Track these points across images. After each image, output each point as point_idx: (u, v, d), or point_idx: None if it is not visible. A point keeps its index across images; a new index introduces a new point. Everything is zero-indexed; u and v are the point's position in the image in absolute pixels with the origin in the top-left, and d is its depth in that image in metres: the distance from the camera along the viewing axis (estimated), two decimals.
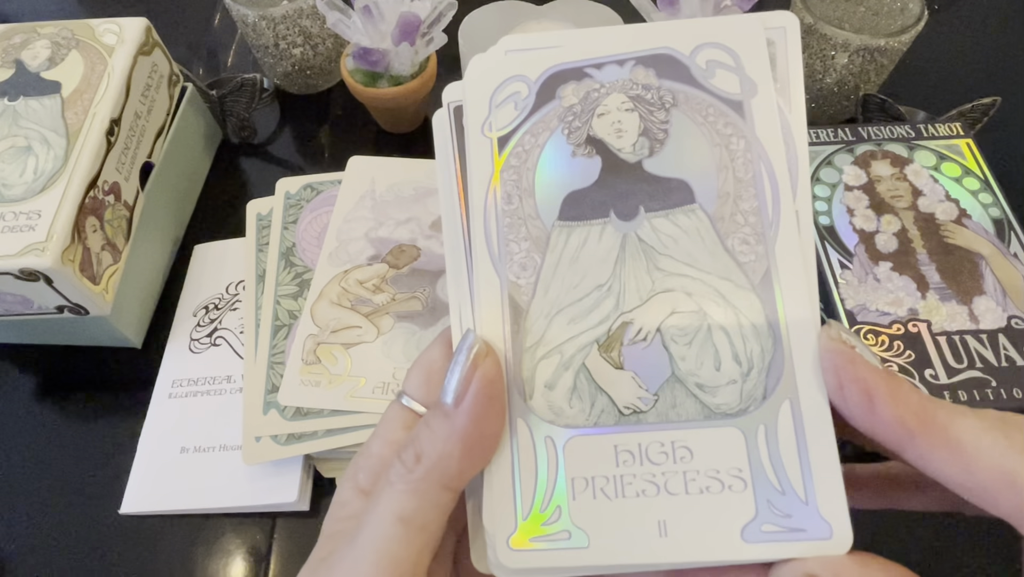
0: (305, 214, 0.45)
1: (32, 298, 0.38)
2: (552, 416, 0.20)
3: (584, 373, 0.21)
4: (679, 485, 0.19)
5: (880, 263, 0.35)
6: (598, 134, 0.22)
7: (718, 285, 0.21)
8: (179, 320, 0.45)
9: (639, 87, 0.22)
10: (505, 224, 0.22)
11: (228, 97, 0.54)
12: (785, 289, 0.20)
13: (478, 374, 0.20)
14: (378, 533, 0.19)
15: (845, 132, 0.41)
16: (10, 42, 0.45)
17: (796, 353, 0.20)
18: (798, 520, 0.19)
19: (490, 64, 0.23)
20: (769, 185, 0.21)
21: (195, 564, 0.37)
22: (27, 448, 0.42)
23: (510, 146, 0.22)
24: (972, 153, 0.39)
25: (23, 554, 0.38)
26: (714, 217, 0.21)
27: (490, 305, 0.21)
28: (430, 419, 0.20)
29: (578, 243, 0.21)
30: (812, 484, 0.19)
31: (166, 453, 0.40)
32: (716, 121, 0.22)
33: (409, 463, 0.19)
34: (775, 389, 0.20)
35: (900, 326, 0.33)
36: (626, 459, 0.20)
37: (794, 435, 0.19)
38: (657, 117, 0.22)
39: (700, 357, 0.20)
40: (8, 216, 0.37)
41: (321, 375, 0.38)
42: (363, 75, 0.50)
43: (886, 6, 0.50)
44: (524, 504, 0.20)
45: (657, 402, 0.20)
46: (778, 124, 0.21)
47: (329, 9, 0.48)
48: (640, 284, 0.21)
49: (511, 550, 0.20)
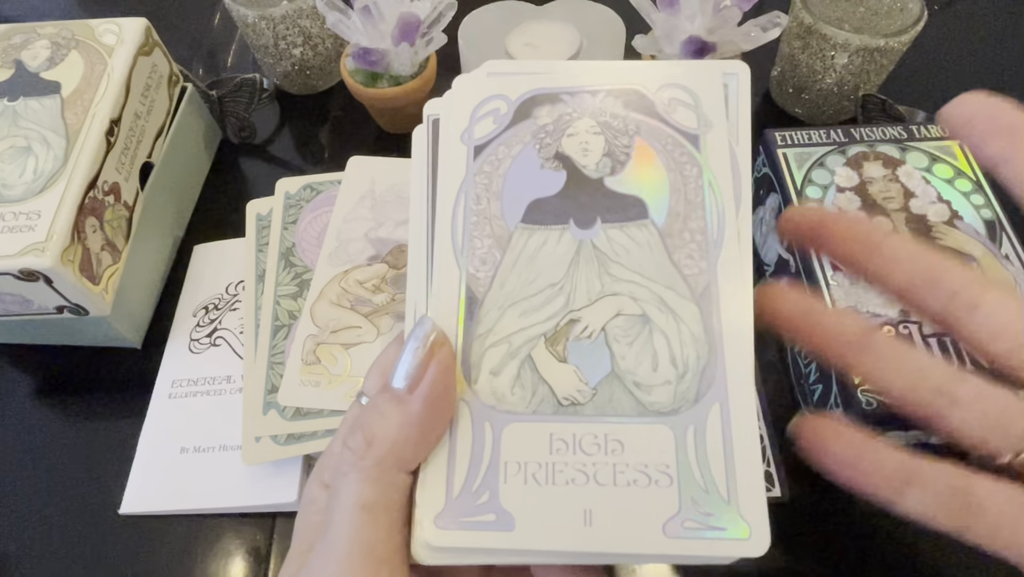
0: (305, 214, 0.45)
1: (32, 298, 0.39)
2: (494, 401, 0.21)
3: (529, 363, 0.22)
4: (608, 476, 0.20)
5: None
6: (566, 151, 0.24)
7: (662, 293, 0.22)
8: (179, 320, 0.45)
9: (607, 115, 0.25)
10: (471, 222, 0.23)
11: (228, 97, 0.54)
12: (723, 302, 0.22)
13: (435, 361, 0.20)
14: (346, 523, 0.19)
15: (837, 133, 0.41)
16: (10, 42, 0.45)
17: (730, 361, 0.21)
18: (718, 519, 0.20)
19: (474, 83, 0.25)
20: (716, 209, 0.23)
21: (195, 564, 0.37)
22: (27, 448, 0.42)
23: (484, 154, 0.24)
24: (964, 155, 0.39)
25: (23, 554, 0.38)
26: (664, 232, 0.23)
27: (448, 293, 0.23)
28: (380, 404, 0.20)
29: (537, 245, 0.23)
30: (735, 485, 0.20)
31: (166, 453, 0.40)
32: (673, 150, 0.24)
33: (359, 449, 0.20)
34: (707, 393, 0.21)
35: (891, 328, 0.33)
36: (560, 447, 0.21)
37: (721, 437, 0.20)
38: (621, 141, 0.24)
39: (639, 357, 0.22)
40: (8, 216, 0.37)
41: (321, 375, 0.38)
42: (363, 75, 0.50)
43: (886, 6, 0.50)
44: (455, 483, 0.21)
45: (595, 396, 0.21)
46: (727, 156, 0.24)
47: (329, 9, 0.48)
48: (591, 286, 0.22)
49: (436, 529, 0.20)
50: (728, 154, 0.24)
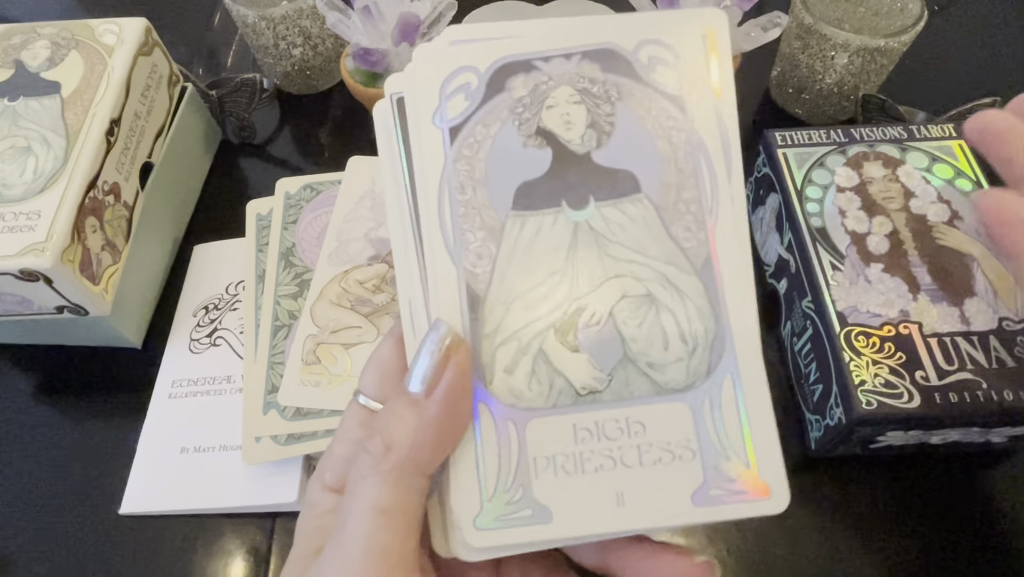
0: (305, 214, 0.45)
1: (32, 298, 0.39)
2: (513, 399, 0.21)
3: (542, 357, 0.22)
4: (634, 458, 0.21)
5: (871, 264, 0.35)
6: (548, 126, 0.23)
7: (664, 270, 0.22)
8: (179, 320, 0.45)
9: (585, 80, 0.23)
10: (459, 214, 0.23)
11: (228, 97, 0.54)
12: (724, 272, 0.22)
13: (452, 364, 0.20)
14: (361, 526, 0.19)
15: (837, 133, 0.41)
16: (10, 42, 0.45)
17: (735, 330, 0.21)
18: (741, 484, 0.20)
19: (436, 54, 0.23)
20: (708, 175, 0.22)
21: (195, 564, 0.37)
22: (27, 448, 0.42)
23: (461, 137, 0.23)
24: (964, 154, 0.39)
25: (23, 554, 0.38)
26: (659, 206, 0.22)
27: (448, 294, 0.22)
28: (398, 408, 0.20)
29: (532, 232, 0.22)
30: (753, 448, 0.21)
31: (166, 453, 0.40)
32: (659, 115, 0.23)
33: (377, 453, 0.20)
34: (718, 365, 0.21)
35: (891, 328, 0.33)
36: (584, 436, 0.21)
37: (736, 405, 0.21)
38: (603, 110, 0.23)
39: (650, 338, 0.22)
40: (8, 216, 0.37)
41: (321, 375, 0.38)
42: (363, 75, 0.50)
43: (886, 6, 0.50)
44: (488, 486, 0.21)
45: (611, 382, 0.21)
46: (714, 117, 0.23)
47: (329, 9, 0.48)
48: (592, 271, 0.22)
49: (477, 530, 0.20)
50: (713, 114, 0.23)
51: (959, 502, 0.37)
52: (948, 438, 0.35)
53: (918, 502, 0.37)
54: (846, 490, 0.37)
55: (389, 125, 0.24)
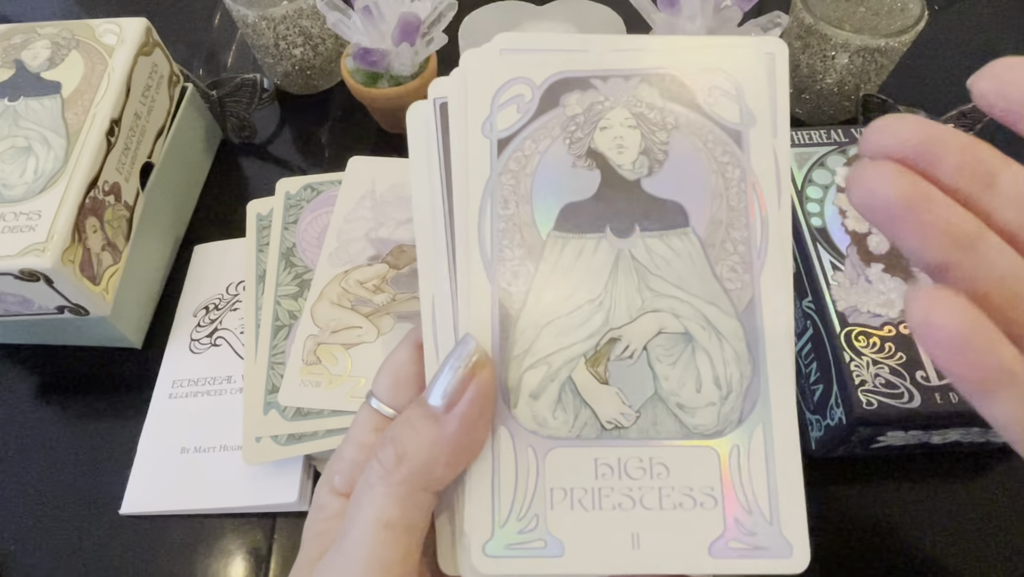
0: (305, 214, 0.45)
1: (32, 298, 0.39)
2: (535, 426, 0.21)
3: (570, 385, 0.21)
4: (654, 500, 0.20)
5: (872, 265, 0.35)
6: (599, 147, 0.22)
7: (704, 309, 0.21)
8: (179, 320, 0.45)
9: (643, 105, 0.22)
10: (500, 229, 0.22)
11: (228, 97, 0.54)
12: (767, 319, 0.21)
13: (475, 381, 0.20)
14: (365, 539, 0.19)
15: (838, 133, 0.41)
16: (10, 42, 0.45)
17: (772, 380, 0.21)
18: (762, 539, 0.20)
19: (489, 62, 0.23)
20: (759, 217, 0.21)
21: (195, 564, 0.37)
22: (27, 448, 0.42)
23: (510, 150, 0.22)
24: None
25: (23, 554, 0.38)
26: (705, 242, 0.21)
27: (479, 309, 0.21)
28: (414, 420, 0.20)
29: (573, 255, 0.22)
30: (777, 505, 0.20)
31: (166, 453, 0.40)
32: (715, 148, 0.22)
33: (388, 463, 0.19)
34: (750, 414, 0.20)
35: (892, 328, 0.33)
36: (605, 472, 0.20)
37: (764, 458, 0.20)
38: (658, 137, 0.22)
39: (683, 378, 0.21)
40: (8, 216, 0.37)
41: (321, 375, 0.38)
42: (363, 75, 0.50)
43: (886, 6, 0.50)
44: (502, 511, 0.20)
45: (639, 419, 0.21)
46: (772, 157, 0.22)
47: (329, 9, 0.48)
48: (631, 302, 0.21)
49: (486, 556, 0.20)
50: (772, 154, 0.22)
51: (959, 502, 0.37)
52: (948, 438, 0.35)
53: (918, 502, 0.37)
54: (846, 490, 0.37)
55: (429, 128, 0.23)
